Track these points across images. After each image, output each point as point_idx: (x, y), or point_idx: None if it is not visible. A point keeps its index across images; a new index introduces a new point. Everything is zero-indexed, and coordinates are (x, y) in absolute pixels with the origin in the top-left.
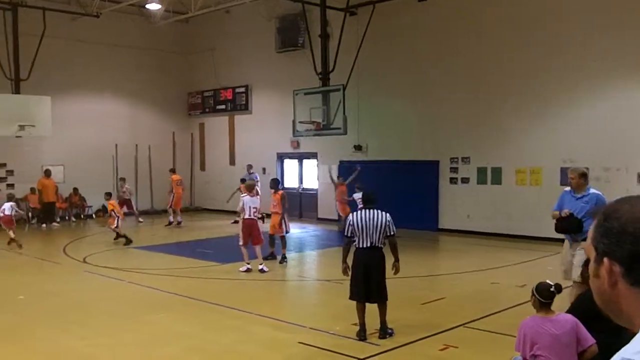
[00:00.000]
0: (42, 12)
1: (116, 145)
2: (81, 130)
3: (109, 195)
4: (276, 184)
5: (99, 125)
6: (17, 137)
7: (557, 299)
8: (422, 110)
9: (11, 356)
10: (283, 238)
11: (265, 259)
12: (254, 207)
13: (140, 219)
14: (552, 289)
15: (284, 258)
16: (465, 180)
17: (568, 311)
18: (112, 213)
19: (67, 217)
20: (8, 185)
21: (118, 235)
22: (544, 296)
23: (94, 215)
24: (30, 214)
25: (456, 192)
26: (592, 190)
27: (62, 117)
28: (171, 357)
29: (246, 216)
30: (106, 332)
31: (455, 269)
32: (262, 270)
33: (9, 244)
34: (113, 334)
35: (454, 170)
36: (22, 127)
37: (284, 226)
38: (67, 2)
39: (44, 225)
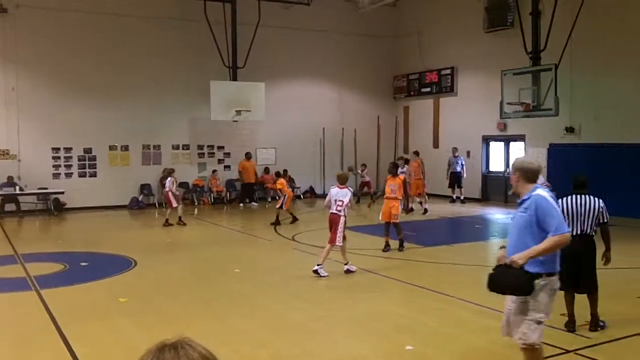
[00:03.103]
0: (258, 3)
1: (323, 129)
2: (291, 115)
3: (277, 175)
4: (395, 168)
5: (308, 109)
6: (234, 121)
7: None
8: None
9: (236, 321)
10: (397, 225)
11: (384, 250)
12: (339, 200)
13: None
14: None
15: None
16: None
17: None
18: (280, 192)
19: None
20: (225, 166)
21: (291, 218)
22: None
23: (302, 196)
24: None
25: None
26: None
27: (274, 102)
28: (384, 333)
29: (332, 210)
30: (322, 307)
31: None
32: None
33: (178, 222)
34: (328, 308)
35: None
36: (238, 112)
37: (399, 212)
38: None
39: (241, 204)
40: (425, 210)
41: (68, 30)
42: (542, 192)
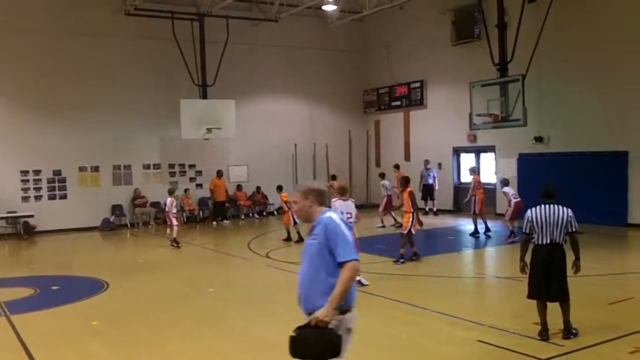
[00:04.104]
0: (226, 20)
1: (295, 144)
2: (263, 131)
3: (280, 188)
4: (406, 182)
5: (279, 125)
6: (205, 139)
7: None
8: (609, 97)
9: (211, 341)
10: (407, 235)
11: (410, 259)
12: (347, 213)
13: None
14: None
15: (415, 255)
16: None
17: None
18: (285, 205)
19: (250, 215)
20: (197, 185)
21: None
22: None
23: (275, 213)
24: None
25: None
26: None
27: (245, 119)
28: (358, 348)
29: None
30: (296, 324)
31: None
32: (360, 283)
33: (172, 243)
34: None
35: None
36: (209, 130)
37: (409, 224)
38: (248, 9)
39: (214, 222)
40: (400, 224)
41: (34, 52)
42: (332, 214)
